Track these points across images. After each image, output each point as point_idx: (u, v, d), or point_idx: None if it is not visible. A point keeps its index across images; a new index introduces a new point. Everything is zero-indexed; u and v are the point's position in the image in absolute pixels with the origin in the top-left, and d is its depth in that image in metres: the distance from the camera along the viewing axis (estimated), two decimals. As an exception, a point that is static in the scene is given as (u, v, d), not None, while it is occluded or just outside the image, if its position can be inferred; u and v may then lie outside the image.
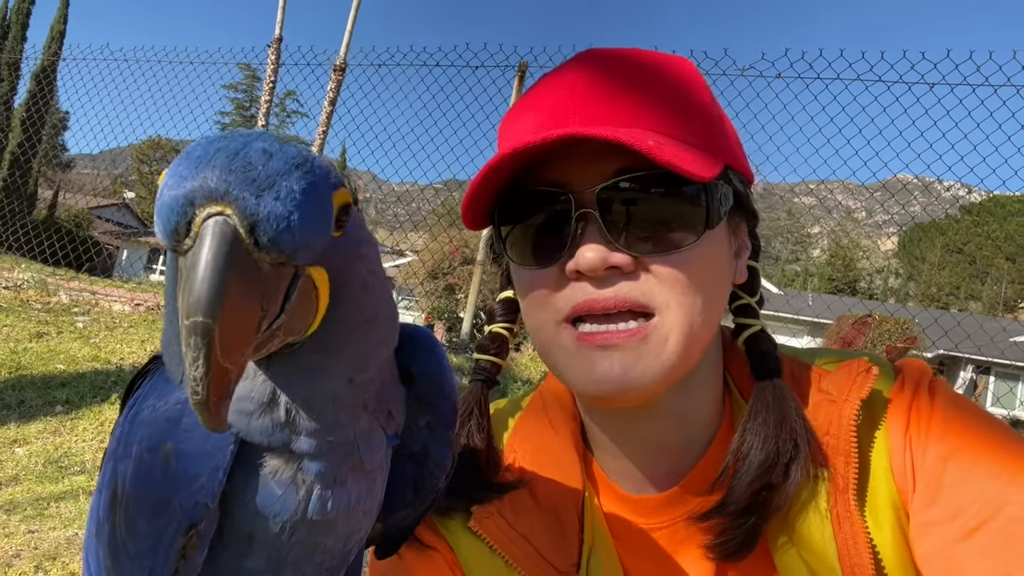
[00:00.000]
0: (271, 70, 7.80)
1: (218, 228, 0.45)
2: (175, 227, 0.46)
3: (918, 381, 0.79)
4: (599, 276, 0.72)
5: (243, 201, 0.46)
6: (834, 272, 78.99)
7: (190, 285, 0.44)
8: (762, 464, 0.74)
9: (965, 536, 0.67)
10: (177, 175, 0.47)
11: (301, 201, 0.48)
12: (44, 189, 20.51)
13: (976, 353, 22.73)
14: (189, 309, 0.44)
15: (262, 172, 0.47)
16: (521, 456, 0.88)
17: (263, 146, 0.49)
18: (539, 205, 0.77)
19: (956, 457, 0.71)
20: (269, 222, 0.46)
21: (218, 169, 0.46)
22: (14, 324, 6.80)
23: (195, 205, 0.46)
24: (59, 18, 16.61)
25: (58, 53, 13.96)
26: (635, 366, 0.72)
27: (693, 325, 0.73)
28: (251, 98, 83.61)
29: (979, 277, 77.46)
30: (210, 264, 0.44)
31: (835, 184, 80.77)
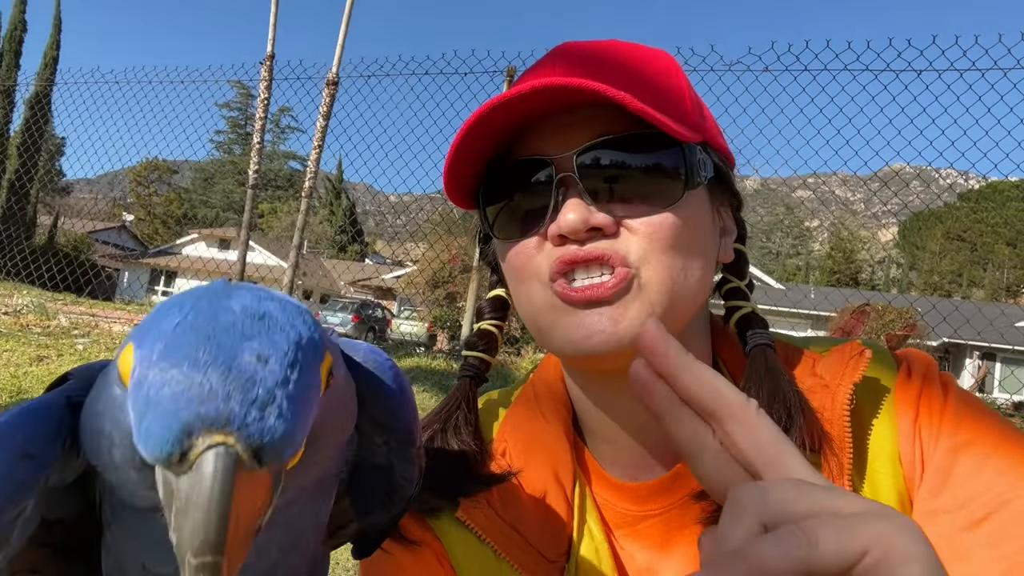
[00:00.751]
0: (264, 87, 7.83)
1: (221, 461, 0.42)
2: (167, 457, 0.43)
3: (926, 373, 0.78)
4: (581, 239, 0.73)
5: (247, 429, 0.43)
6: (835, 265, 78.92)
7: (193, 520, 0.42)
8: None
9: (972, 525, 0.67)
10: (166, 388, 0.44)
11: (302, 408, 0.46)
12: (43, 215, 20.57)
13: (981, 340, 22.68)
14: (197, 549, 0.41)
15: (261, 388, 0.44)
16: (512, 445, 0.88)
17: (256, 347, 0.46)
18: (520, 177, 0.77)
19: (967, 450, 0.71)
20: (274, 443, 0.44)
21: (216, 391, 0.43)
22: (14, 349, 6.82)
23: (193, 436, 0.42)
24: (51, 44, 16.72)
25: (52, 79, 14.05)
26: (623, 317, 0.72)
27: (675, 283, 0.74)
28: (246, 116, 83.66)
29: (980, 263, 77.32)
30: (216, 502, 0.42)
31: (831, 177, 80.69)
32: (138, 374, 0.45)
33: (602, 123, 0.73)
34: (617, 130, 0.73)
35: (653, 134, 0.73)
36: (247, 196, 7.68)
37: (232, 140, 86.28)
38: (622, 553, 0.83)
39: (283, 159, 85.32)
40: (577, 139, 0.75)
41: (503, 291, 0.93)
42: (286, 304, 0.50)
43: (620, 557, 0.83)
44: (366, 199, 61.02)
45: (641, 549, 0.83)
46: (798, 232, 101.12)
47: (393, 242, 28.23)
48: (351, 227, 52.54)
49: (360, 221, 58.33)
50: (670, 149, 0.74)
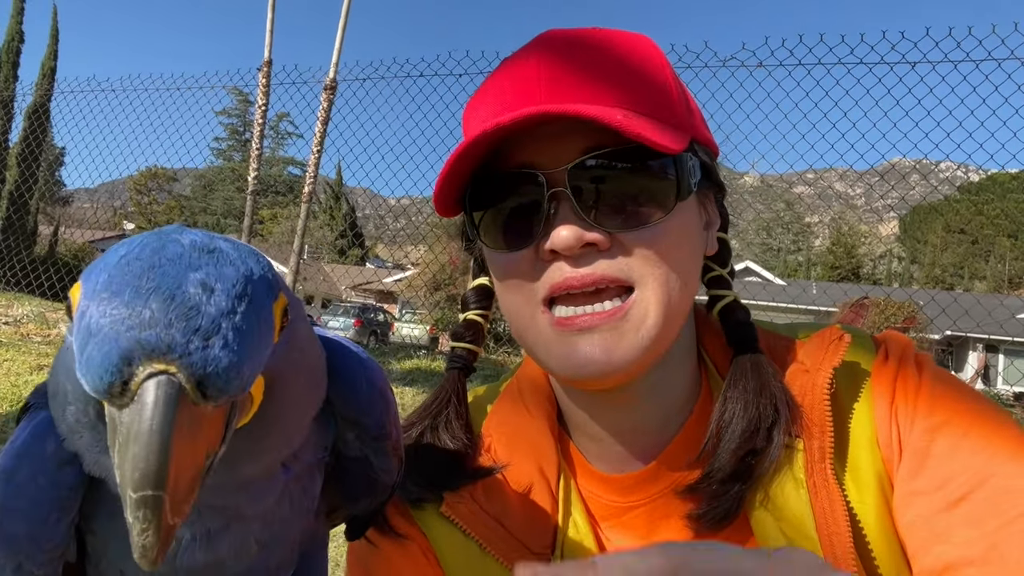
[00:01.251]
0: (262, 93, 7.82)
1: (162, 391, 0.40)
2: (108, 387, 0.41)
3: (903, 354, 0.79)
4: (575, 255, 0.72)
5: (189, 357, 0.41)
6: (836, 260, 78.82)
7: (134, 453, 0.40)
8: (745, 430, 0.74)
9: (950, 505, 0.67)
10: (106, 317, 0.42)
11: (250, 342, 0.44)
12: (44, 225, 20.59)
13: (983, 332, 22.64)
14: (136, 483, 0.40)
15: (205, 317, 0.42)
16: (496, 440, 0.88)
17: (201, 277, 0.44)
18: (510, 187, 0.76)
19: (944, 430, 0.71)
20: (218, 375, 0.42)
21: (157, 318, 0.41)
22: (14, 358, 6.83)
23: (133, 364, 0.41)
24: (49, 55, 16.71)
25: (50, 89, 14.05)
26: (617, 346, 0.72)
27: (671, 298, 0.73)
28: (244, 122, 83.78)
29: (982, 256, 77.21)
30: (156, 432, 0.40)
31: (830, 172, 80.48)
32: (81, 307, 0.44)
33: (592, 134, 0.72)
34: (608, 142, 0.72)
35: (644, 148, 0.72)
36: (247, 202, 7.68)
37: (231, 147, 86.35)
38: (608, 544, 0.83)
39: (282, 165, 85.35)
40: (568, 149, 0.74)
41: (487, 279, 0.92)
42: (239, 245, 0.49)
43: (606, 548, 0.83)
44: (365, 203, 61.06)
45: (627, 540, 0.83)
46: (798, 228, 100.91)
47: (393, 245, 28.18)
48: (351, 231, 52.54)
49: (360, 225, 58.33)
50: (662, 159, 0.74)
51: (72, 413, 0.50)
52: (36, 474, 0.54)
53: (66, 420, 0.51)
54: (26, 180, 14.16)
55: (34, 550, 0.54)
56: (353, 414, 0.68)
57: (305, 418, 0.59)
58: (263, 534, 0.61)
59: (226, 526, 0.58)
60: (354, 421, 0.68)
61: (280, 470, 0.60)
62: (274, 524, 0.62)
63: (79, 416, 0.49)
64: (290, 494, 0.63)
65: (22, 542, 0.54)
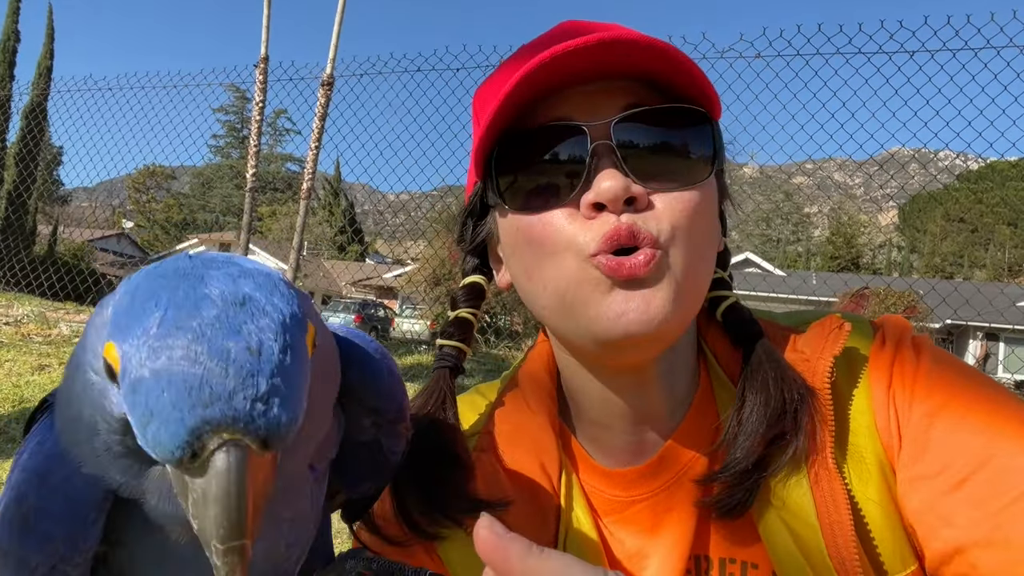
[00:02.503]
0: (259, 90, 7.80)
1: (233, 456, 0.44)
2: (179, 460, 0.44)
3: (899, 337, 0.78)
4: (617, 209, 0.71)
5: (253, 423, 0.45)
6: (836, 250, 78.80)
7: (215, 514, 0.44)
8: (773, 413, 0.73)
9: (953, 488, 0.67)
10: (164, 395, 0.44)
11: (299, 389, 0.47)
12: (42, 224, 20.57)
13: (983, 320, 22.64)
14: (223, 537, 0.44)
15: (261, 381, 0.45)
16: (498, 434, 0.87)
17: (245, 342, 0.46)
18: (547, 142, 0.74)
19: (943, 412, 0.70)
20: (280, 431, 0.46)
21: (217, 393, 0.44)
22: (15, 358, 6.82)
23: (203, 438, 0.44)
24: (45, 54, 16.66)
25: (47, 88, 14.01)
26: (654, 298, 0.70)
27: (697, 266, 0.73)
28: (242, 119, 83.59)
29: (981, 244, 77.18)
30: (234, 496, 0.44)
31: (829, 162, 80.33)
32: (132, 379, 0.46)
33: (631, 94, 0.72)
34: (650, 102, 0.72)
35: (687, 109, 0.73)
36: (246, 199, 7.66)
37: (229, 144, 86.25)
38: (611, 539, 0.83)
39: (281, 161, 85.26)
40: (607, 105, 0.73)
41: (480, 278, 0.91)
42: (260, 280, 0.50)
43: (609, 543, 0.83)
44: (364, 199, 61.00)
45: (631, 535, 0.82)
46: (797, 219, 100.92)
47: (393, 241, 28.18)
48: (350, 227, 52.49)
49: (359, 221, 58.27)
50: (702, 126, 0.74)
51: (103, 443, 0.52)
52: (71, 474, 0.54)
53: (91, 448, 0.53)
54: (24, 180, 14.15)
55: (71, 552, 0.55)
56: (374, 401, 0.69)
57: (327, 417, 0.61)
58: (291, 535, 0.63)
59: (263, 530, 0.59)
60: (373, 408, 0.69)
61: (307, 471, 0.62)
62: (299, 524, 0.64)
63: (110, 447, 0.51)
64: (312, 494, 0.64)
65: (59, 544, 0.55)
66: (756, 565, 0.77)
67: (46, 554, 0.54)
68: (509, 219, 0.78)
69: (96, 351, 0.51)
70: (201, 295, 0.48)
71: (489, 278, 0.92)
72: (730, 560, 0.78)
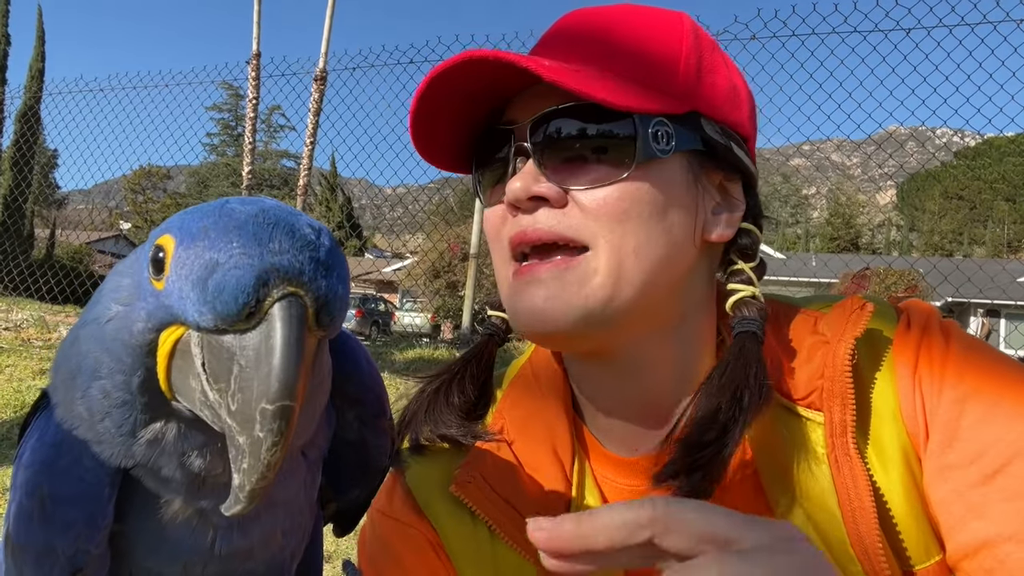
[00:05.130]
0: (252, 86, 7.78)
1: (294, 310, 0.45)
2: (243, 308, 0.45)
3: (926, 322, 0.76)
4: (527, 209, 0.73)
5: (316, 282, 0.46)
6: (834, 231, 78.84)
7: (272, 366, 0.44)
8: (701, 420, 0.72)
9: (985, 479, 0.65)
10: (236, 252, 0.46)
11: (348, 279, 0.50)
12: (40, 228, 20.56)
13: (984, 297, 22.64)
14: (275, 394, 0.43)
15: (323, 251, 0.48)
16: (509, 422, 0.87)
17: (307, 221, 0.49)
18: (491, 144, 0.79)
19: (973, 399, 0.68)
20: (335, 302, 0.47)
21: (286, 247, 0.46)
22: (16, 363, 6.81)
23: (269, 285, 0.45)
24: (36, 56, 16.57)
25: (39, 91, 13.97)
26: (556, 299, 0.72)
27: (624, 263, 0.72)
28: (236, 117, 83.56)
29: (980, 221, 77.24)
30: (291, 347, 0.44)
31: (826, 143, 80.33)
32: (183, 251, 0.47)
33: (562, 96, 0.72)
34: (569, 100, 0.72)
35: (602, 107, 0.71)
36: (242, 197, 7.65)
37: (225, 142, 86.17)
38: None
39: (276, 158, 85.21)
40: (538, 106, 0.74)
41: None
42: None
43: None
44: (361, 193, 61.03)
45: None
46: (796, 200, 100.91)
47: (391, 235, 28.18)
48: (348, 222, 52.56)
49: (357, 215, 58.31)
50: (622, 120, 0.72)
51: (101, 389, 0.52)
52: (79, 456, 0.55)
53: (88, 403, 0.53)
54: (19, 184, 14.11)
55: (91, 530, 0.55)
56: (356, 392, 0.70)
57: (323, 400, 0.61)
58: (286, 523, 0.64)
59: (258, 514, 0.60)
60: (356, 399, 0.71)
61: (300, 457, 0.63)
62: (294, 513, 0.65)
63: (112, 391, 0.52)
64: (305, 482, 0.65)
65: (80, 527, 0.55)
66: None
67: (69, 539, 0.55)
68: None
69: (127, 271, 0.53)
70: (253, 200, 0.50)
71: None
72: None
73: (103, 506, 0.55)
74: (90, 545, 0.55)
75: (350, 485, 0.75)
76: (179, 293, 0.47)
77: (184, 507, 0.57)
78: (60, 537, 0.55)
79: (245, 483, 0.45)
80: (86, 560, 0.55)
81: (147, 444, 0.53)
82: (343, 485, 0.75)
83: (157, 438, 0.53)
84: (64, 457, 0.55)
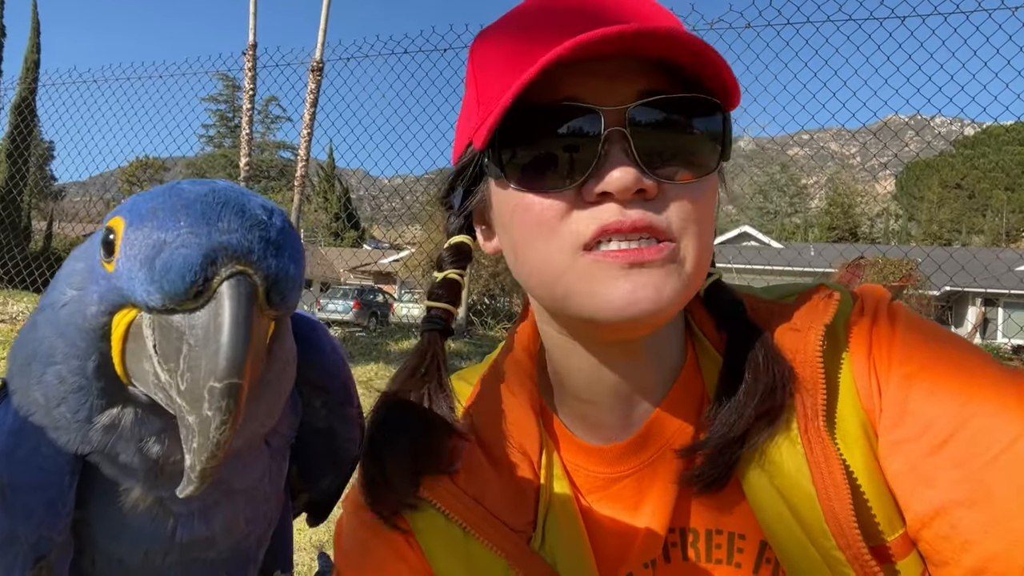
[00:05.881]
0: (249, 77, 7.76)
1: (243, 288, 0.45)
2: (190, 287, 0.45)
3: (877, 306, 0.79)
4: (623, 200, 0.69)
5: (266, 261, 0.46)
6: (833, 220, 78.75)
7: (219, 344, 0.44)
8: (765, 390, 0.73)
9: (934, 450, 0.67)
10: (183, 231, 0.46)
11: (302, 259, 0.49)
12: (37, 220, 20.49)
13: (980, 286, 22.66)
14: (223, 371, 0.43)
15: (274, 230, 0.48)
16: (476, 419, 0.87)
17: (260, 201, 0.49)
18: (557, 122, 0.71)
19: (920, 376, 0.71)
20: (286, 282, 0.47)
21: (235, 226, 0.46)
22: (12, 355, 6.81)
23: (217, 264, 0.45)
24: (31, 47, 16.50)
25: (34, 83, 13.91)
26: (666, 285, 0.70)
27: (703, 256, 0.73)
28: (233, 108, 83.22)
29: (979, 210, 77.15)
30: (241, 324, 0.44)
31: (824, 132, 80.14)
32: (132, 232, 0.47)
33: (647, 78, 0.71)
34: (666, 89, 0.71)
35: (701, 98, 0.71)
36: (238, 189, 7.62)
37: (222, 134, 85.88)
38: (593, 517, 0.82)
39: (274, 149, 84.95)
40: (623, 89, 0.71)
41: (466, 238, 0.89)
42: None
43: (591, 521, 0.82)
44: (359, 184, 60.86)
45: (615, 511, 0.82)
46: (795, 190, 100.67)
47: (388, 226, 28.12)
48: (345, 213, 52.41)
49: (355, 207, 58.16)
50: (714, 116, 0.73)
51: (57, 374, 0.52)
52: (38, 444, 0.55)
53: (44, 389, 0.52)
54: (13, 176, 14.07)
55: (54, 519, 0.55)
56: (321, 378, 0.70)
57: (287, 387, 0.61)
58: (249, 511, 0.64)
59: (218, 501, 0.60)
60: (322, 386, 0.71)
61: (263, 445, 0.63)
62: (258, 501, 0.65)
63: (67, 376, 0.51)
64: (270, 470, 0.65)
65: (41, 514, 0.55)
66: (743, 535, 0.77)
67: (31, 526, 0.55)
68: (508, 193, 0.76)
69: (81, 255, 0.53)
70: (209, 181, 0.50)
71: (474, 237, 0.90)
72: (716, 531, 0.78)
73: (64, 493, 0.55)
74: (52, 532, 0.55)
75: (320, 475, 0.75)
76: (128, 274, 0.47)
77: (144, 495, 0.57)
78: (22, 525, 0.55)
79: (195, 463, 0.45)
80: (49, 547, 0.56)
81: (104, 430, 0.53)
82: (313, 474, 0.75)
83: (114, 423, 0.52)
84: (23, 445, 0.55)
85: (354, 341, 8.68)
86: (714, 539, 0.78)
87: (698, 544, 0.79)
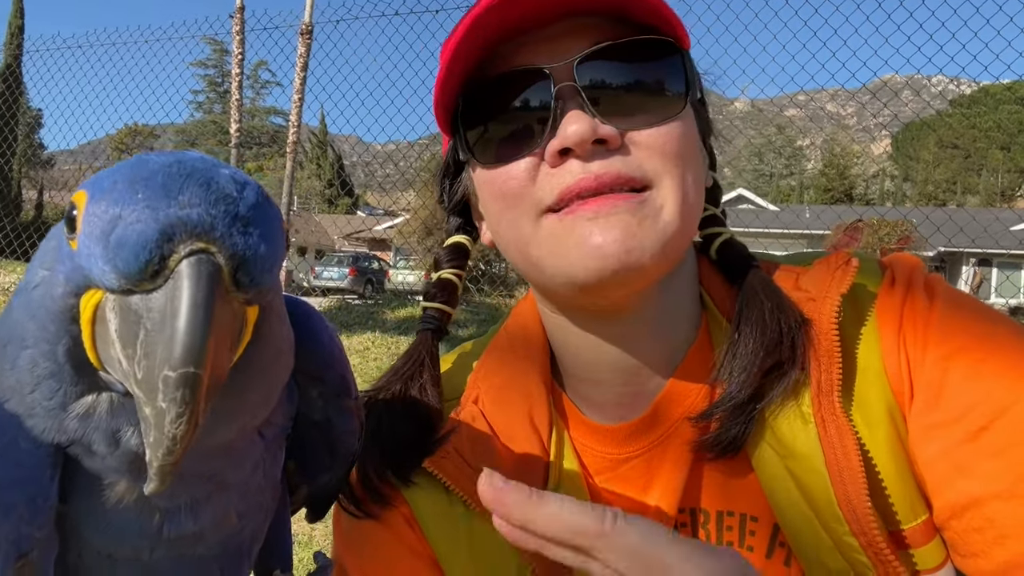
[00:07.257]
0: (237, 41, 7.64)
1: (203, 268, 0.41)
2: (145, 265, 0.40)
3: (910, 277, 0.74)
4: (585, 153, 0.67)
5: (231, 238, 0.42)
6: (829, 182, 78.66)
7: (174, 329, 0.40)
8: (770, 343, 0.70)
9: (972, 436, 0.63)
10: (140, 205, 0.41)
11: (278, 240, 0.45)
12: (28, 190, 20.34)
13: (976, 246, 22.73)
14: (178, 360, 0.39)
15: (243, 205, 0.43)
16: (484, 392, 0.84)
17: (230, 173, 0.44)
18: (510, 90, 0.71)
19: (958, 357, 0.66)
20: (255, 261, 0.43)
21: (198, 200, 0.42)
22: (6, 328, 6.79)
23: (174, 241, 0.41)
24: (15, 12, 16.20)
25: (19, 49, 13.69)
26: (636, 232, 0.66)
27: (688, 196, 0.70)
28: (222, 73, 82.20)
29: (975, 170, 77.13)
30: (200, 307, 0.40)
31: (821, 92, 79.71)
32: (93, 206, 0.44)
33: (596, 32, 0.69)
34: (616, 37, 0.69)
35: (654, 41, 0.70)
36: (231, 155, 7.58)
37: (212, 100, 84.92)
38: (602, 498, 0.80)
39: (264, 115, 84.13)
40: (571, 48, 0.69)
41: (463, 238, 0.89)
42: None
43: (600, 502, 0.79)
44: (352, 150, 60.51)
45: (623, 493, 0.80)
46: (790, 152, 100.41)
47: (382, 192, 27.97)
48: (338, 179, 52.14)
49: (348, 173, 57.83)
50: (671, 57, 0.71)
51: (29, 359, 0.48)
52: (15, 438, 0.52)
53: (18, 374, 0.49)
54: (0, 145, 13.89)
55: (35, 514, 0.53)
56: (317, 368, 0.67)
57: (282, 376, 0.58)
58: (241, 505, 0.61)
59: (208, 496, 0.58)
60: (318, 377, 0.67)
61: (256, 437, 0.60)
62: (250, 494, 0.62)
63: (40, 360, 0.48)
64: (264, 463, 0.62)
65: (21, 509, 0.52)
66: (756, 518, 0.74)
67: (10, 522, 0.52)
68: (479, 173, 0.76)
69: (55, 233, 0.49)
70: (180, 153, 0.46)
71: (474, 238, 0.90)
72: (728, 513, 0.76)
73: (44, 487, 0.52)
74: (33, 528, 0.53)
75: (319, 469, 0.73)
76: (87, 251, 0.43)
77: (128, 488, 0.54)
78: (2, 520, 0.52)
79: (152, 459, 0.41)
80: (31, 544, 0.53)
81: (79, 419, 0.50)
82: (312, 469, 0.73)
83: (88, 412, 0.49)
84: (1, 438, 0.53)
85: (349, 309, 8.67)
86: (725, 521, 0.76)
87: (708, 525, 0.77)
